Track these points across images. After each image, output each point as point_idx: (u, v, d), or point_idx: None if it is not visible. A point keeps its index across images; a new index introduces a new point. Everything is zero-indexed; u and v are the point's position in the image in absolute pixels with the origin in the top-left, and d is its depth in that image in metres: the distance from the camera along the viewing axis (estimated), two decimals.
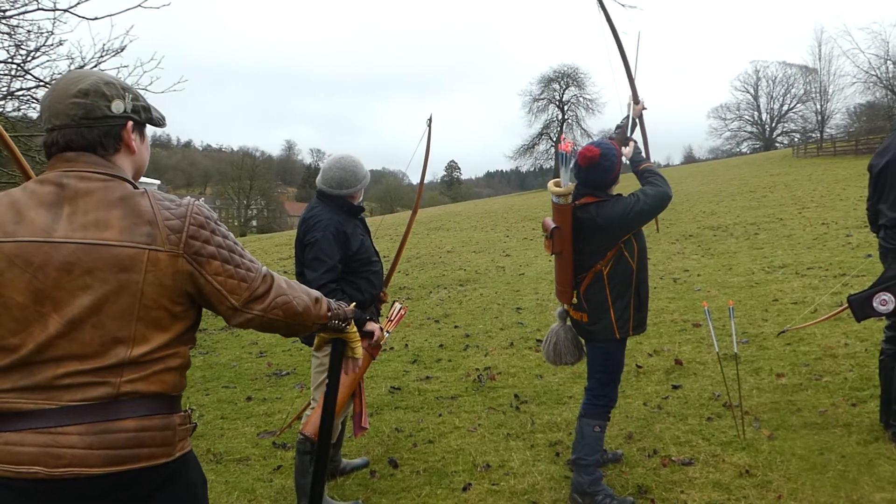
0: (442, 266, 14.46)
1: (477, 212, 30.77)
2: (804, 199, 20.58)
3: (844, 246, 11.90)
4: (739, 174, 35.90)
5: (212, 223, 1.76)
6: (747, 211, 19.40)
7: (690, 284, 9.85)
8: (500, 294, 10.58)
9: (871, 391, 4.74)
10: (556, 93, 73.23)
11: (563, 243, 3.53)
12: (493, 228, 22.33)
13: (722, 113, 75.41)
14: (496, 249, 16.64)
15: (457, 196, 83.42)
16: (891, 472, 3.62)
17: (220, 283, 1.75)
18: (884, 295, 3.87)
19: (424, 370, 6.54)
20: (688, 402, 4.99)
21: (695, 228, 16.96)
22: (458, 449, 4.50)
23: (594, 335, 3.60)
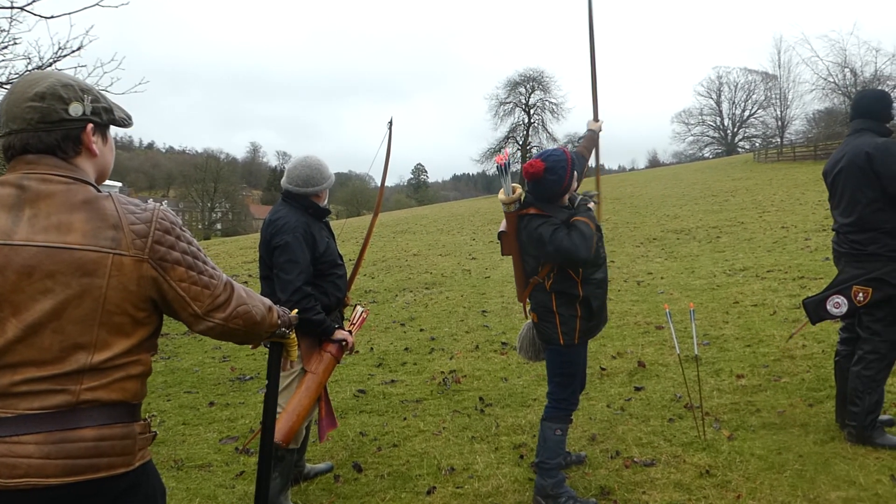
0: (408, 269, 14.44)
1: (443, 215, 30.80)
2: (765, 204, 20.96)
3: (803, 249, 12.13)
4: (702, 178, 36.42)
5: (177, 229, 1.75)
6: (710, 215, 19.69)
7: (654, 287, 9.97)
8: (466, 297, 10.59)
9: (827, 391, 4.84)
10: (523, 96, 73.54)
11: (510, 248, 3.67)
12: (459, 231, 22.38)
13: (685, 118, 76.51)
14: (462, 252, 16.67)
15: (423, 199, 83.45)
16: (846, 470, 3.69)
17: (184, 289, 1.73)
18: (837, 298, 3.97)
19: (389, 373, 6.52)
20: (650, 404, 5.05)
21: (658, 232, 17.17)
22: (422, 452, 4.49)
23: (543, 337, 3.69)
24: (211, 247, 24.17)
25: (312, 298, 3.56)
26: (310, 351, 3.66)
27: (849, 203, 3.96)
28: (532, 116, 73.59)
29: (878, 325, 3.92)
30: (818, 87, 51.76)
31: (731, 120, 75.03)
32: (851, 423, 4.01)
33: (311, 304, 3.55)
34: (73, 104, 1.66)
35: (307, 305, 3.52)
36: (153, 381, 6.58)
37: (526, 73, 72.84)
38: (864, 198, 3.87)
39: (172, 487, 4.12)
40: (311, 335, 3.64)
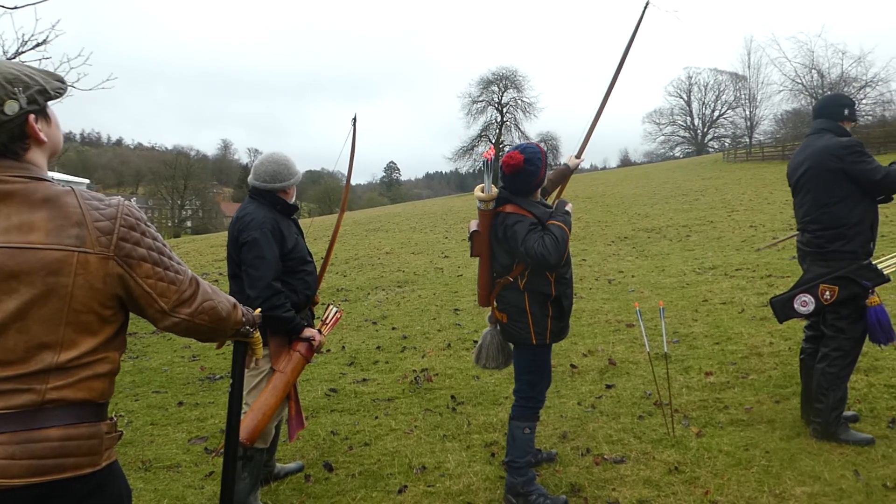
0: (380, 267, 14.40)
1: (416, 213, 30.78)
2: (734, 203, 21.23)
3: (771, 248, 12.30)
4: (673, 178, 36.79)
5: (142, 224, 1.73)
6: (680, 213, 19.89)
7: (625, 285, 10.04)
8: (439, 295, 10.59)
9: (793, 388, 4.91)
10: (495, 95, 73.76)
11: (481, 248, 3.63)
12: (431, 230, 22.36)
13: (656, 118, 77.26)
14: (435, 251, 16.66)
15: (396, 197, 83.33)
16: (811, 466, 3.75)
17: (151, 285, 1.72)
18: (804, 296, 4.03)
19: (361, 372, 6.50)
20: (620, 401, 5.08)
21: (630, 230, 17.30)
22: (394, 451, 4.48)
23: (514, 337, 3.65)
24: (181, 244, 23.91)
25: (282, 295, 3.54)
26: (279, 349, 3.63)
27: (814, 202, 4.03)
28: (505, 115, 73.84)
29: (842, 322, 3.99)
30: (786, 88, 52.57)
31: (702, 120, 75.97)
32: (816, 419, 4.08)
33: (281, 302, 3.52)
34: (9, 103, 1.61)
35: (276, 303, 3.49)
36: (121, 380, 6.49)
37: (499, 72, 73.05)
38: (830, 198, 3.94)
39: (140, 489, 4.07)
40: (281, 333, 3.61)
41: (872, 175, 3.84)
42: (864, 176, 3.86)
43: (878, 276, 3.89)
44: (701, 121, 75.99)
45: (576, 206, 25.30)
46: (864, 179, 3.86)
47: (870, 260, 3.94)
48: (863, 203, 3.91)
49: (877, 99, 50.70)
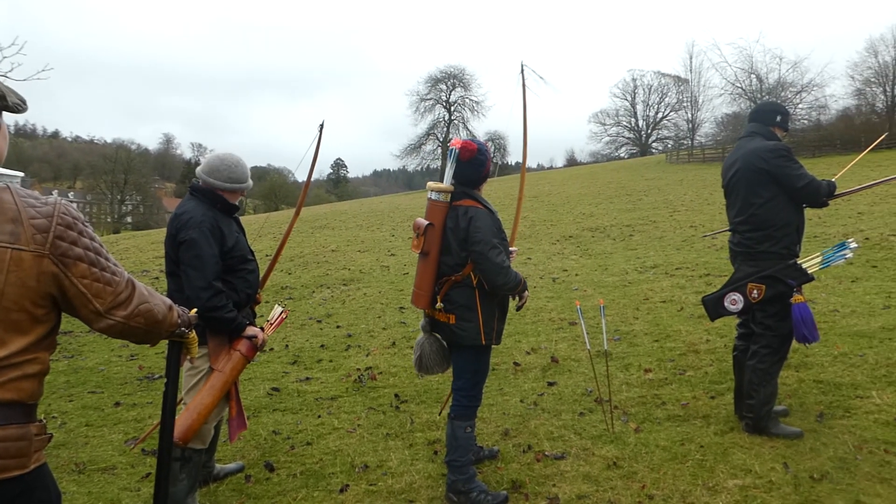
0: (326, 265, 14.29)
1: (363, 211, 30.62)
2: (675, 203, 21.70)
3: (710, 248, 12.63)
4: (617, 178, 37.40)
5: (79, 224, 1.70)
6: (623, 213, 20.25)
7: (568, 284, 10.18)
8: (384, 293, 10.57)
9: (728, 384, 5.05)
10: (443, 93, 73.98)
11: (433, 243, 3.56)
12: (378, 227, 22.29)
13: (602, 118, 78.47)
14: (381, 248, 16.62)
15: (343, 194, 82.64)
16: (743, 459, 3.87)
17: (86, 286, 1.69)
18: (733, 295, 4.15)
19: (305, 371, 6.45)
20: (562, 399, 5.15)
21: (575, 229, 17.53)
22: (336, 450, 4.46)
23: (462, 339, 3.58)
24: (120, 241, 23.31)
25: (223, 296, 3.48)
26: (218, 349, 3.57)
27: (744, 204, 4.16)
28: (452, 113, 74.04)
29: (770, 320, 4.12)
30: (726, 92, 54.14)
31: (646, 121, 77.44)
32: (749, 414, 4.20)
33: (222, 302, 3.46)
34: None
35: (217, 303, 3.43)
36: (55, 380, 6.30)
37: (447, 70, 73.30)
38: (757, 198, 4.08)
39: (73, 492, 3.96)
40: (221, 332, 3.56)
41: (795, 181, 3.99)
42: (788, 180, 4.00)
43: (802, 276, 4.03)
44: (645, 122, 77.51)
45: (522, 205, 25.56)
46: (787, 184, 4.01)
47: (795, 260, 4.09)
48: (789, 206, 4.06)
49: (812, 104, 52.56)
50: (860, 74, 50.42)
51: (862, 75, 50.26)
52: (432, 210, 3.59)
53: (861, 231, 12.63)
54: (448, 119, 74.28)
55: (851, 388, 4.84)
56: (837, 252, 4.13)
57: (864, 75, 49.89)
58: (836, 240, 11.84)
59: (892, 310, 6.90)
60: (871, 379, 4.97)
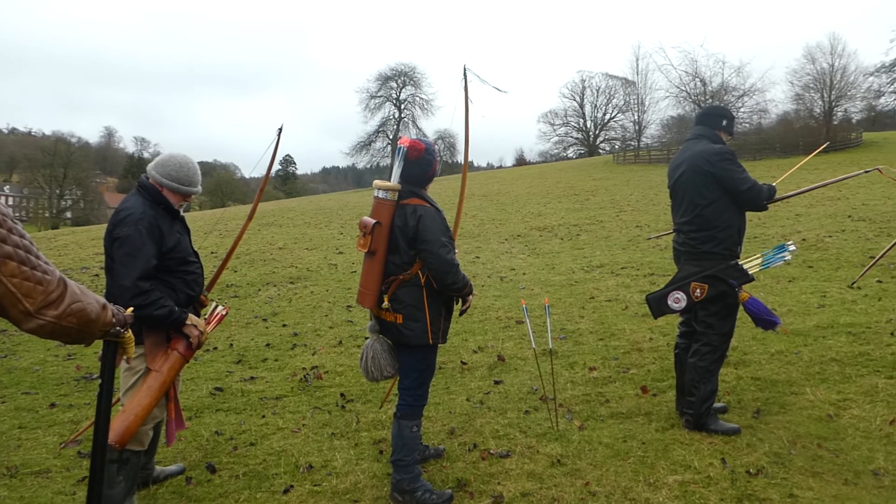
0: (272, 263, 14.10)
1: (311, 208, 30.30)
2: (622, 203, 22.04)
3: (654, 248, 12.86)
4: (566, 178, 37.80)
5: (8, 221, 1.64)
6: (571, 213, 20.48)
7: (516, 283, 10.25)
8: (332, 292, 10.48)
9: (670, 382, 5.15)
10: (394, 91, 73.77)
11: (380, 242, 3.54)
12: (327, 225, 22.09)
13: (551, 118, 79.12)
14: (329, 247, 16.48)
15: (291, 191, 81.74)
16: (683, 455, 3.95)
17: (16, 285, 1.63)
18: (677, 294, 4.24)
19: (249, 370, 6.35)
20: (508, 397, 5.19)
21: (523, 229, 17.66)
22: (280, 450, 4.41)
23: (409, 339, 3.57)
24: (59, 237, 22.62)
25: (150, 294, 3.36)
26: (155, 348, 3.48)
27: (689, 205, 4.24)
28: (403, 111, 73.92)
29: (711, 318, 4.22)
30: (672, 95, 55.29)
31: (593, 122, 78.39)
32: (689, 411, 4.29)
33: (152, 299, 3.35)
34: None
35: (142, 302, 3.31)
36: None
37: (397, 68, 73.11)
38: (702, 200, 4.17)
39: (4, 497, 3.82)
40: (158, 331, 3.47)
41: (739, 185, 4.10)
42: (731, 184, 4.10)
43: (743, 276, 4.14)
44: (593, 123, 78.45)
45: (471, 204, 25.61)
46: (731, 187, 4.11)
47: (737, 260, 4.20)
48: (732, 208, 4.17)
49: (753, 108, 54.04)
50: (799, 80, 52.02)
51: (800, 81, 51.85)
52: (379, 208, 3.57)
53: (798, 232, 13.02)
54: (398, 117, 74.12)
55: (787, 384, 4.98)
56: (777, 254, 4.25)
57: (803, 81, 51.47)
58: (775, 241, 12.19)
59: (826, 309, 7.13)
60: (806, 376, 5.13)
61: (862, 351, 5.60)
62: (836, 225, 13.58)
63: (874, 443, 3.95)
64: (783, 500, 3.40)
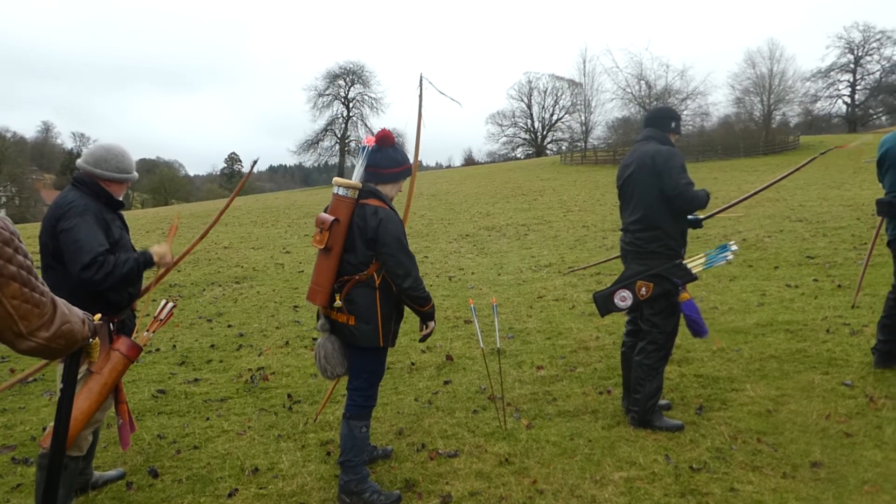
0: (217, 262, 13.86)
1: (258, 207, 29.89)
2: (569, 203, 22.31)
3: (601, 247, 13.05)
4: (514, 178, 38.09)
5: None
6: (519, 213, 20.64)
7: (465, 282, 10.27)
8: (278, 292, 10.35)
9: (616, 380, 5.22)
10: (342, 89, 73.34)
11: (337, 239, 3.48)
12: (273, 224, 21.83)
13: (499, 119, 79.71)
14: (276, 246, 16.28)
15: None
16: (629, 452, 4.00)
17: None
18: (623, 292, 4.30)
19: (193, 372, 6.22)
20: (456, 397, 5.19)
21: (471, 228, 17.73)
22: (225, 453, 4.32)
23: (360, 340, 3.53)
24: None
25: (109, 258, 3.31)
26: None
27: (636, 205, 4.31)
28: (351, 110, 73.51)
29: (657, 317, 4.30)
30: (618, 97, 56.23)
31: (541, 123, 79.24)
32: (634, 408, 4.36)
33: (113, 263, 3.32)
34: None
35: (109, 269, 3.28)
36: None
37: (346, 66, 72.65)
38: (650, 200, 4.23)
39: None
40: (99, 330, 3.37)
41: (671, 189, 4.13)
42: (671, 185, 4.14)
43: (687, 275, 4.23)
44: (541, 124, 79.28)
45: (420, 204, 25.60)
46: (666, 187, 4.15)
47: (681, 260, 4.28)
48: (679, 210, 4.24)
49: (696, 110, 55.36)
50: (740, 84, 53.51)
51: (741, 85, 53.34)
52: (338, 205, 3.50)
53: (739, 233, 13.37)
54: (347, 115, 73.75)
55: (728, 381, 5.10)
56: (720, 254, 4.34)
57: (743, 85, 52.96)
58: (717, 241, 12.48)
59: (765, 307, 7.33)
60: (746, 373, 5.26)
61: (799, 348, 5.77)
62: (774, 225, 13.99)
63: (811, 437, 4.07)
64: (724, 494, 3.47)
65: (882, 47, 63.09)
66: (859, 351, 5.54)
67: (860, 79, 64.90)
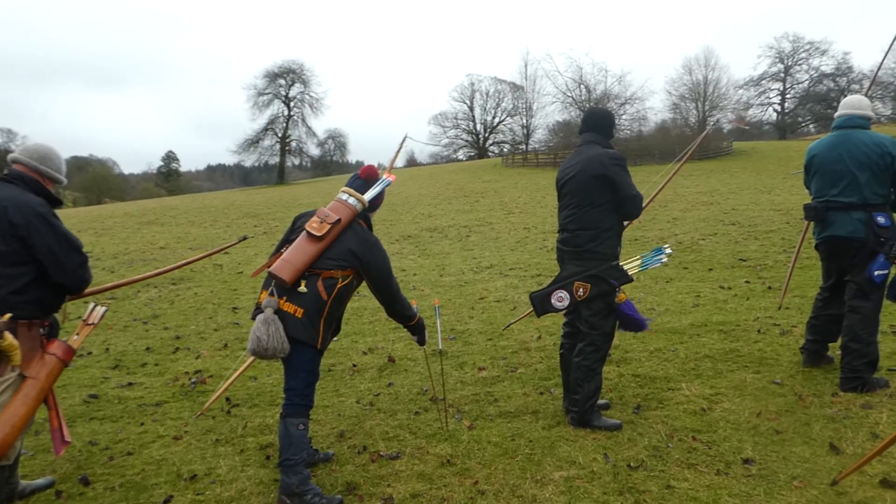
0: (153, 263, 13.53)
1: (195, 206, 29.29)
2: (510, 205, 22.50)
3: (541, 249, 13.19)
4: (456, 179, 38.23)
5: None
6: (461, 214, 20.72)
7: (406, 283, 10.26)
8: (217, 293, 10.16)
9: (556, 380, 5.29)
10: (282, 88, 72.46)
11: (331, 235, 3.63)
12: (212, 224, 21.42)
13: (441, 121, 79.95)
14: (214, 246, 15.97)
15: (175, 189, 78.63)
16: (568, 452, 4.05)
17: None
18: (560, 292, 4.37)
19: (127, 376, 6.05)
20: (398, 398, 5.17)
21: (414, 229, 17.72)
22: (160, 459, 4.22)
23: (300, 334, 3.52)
24: None
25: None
26: (31, 353, 3.26)
27: (577, 206, 4.38)
28: (292, 109, 72.73)
29: (595, 318, 4.36)
30: (558, 100, 57.08)
31: (483, 125, 79.72)
32: (574, 408, 4.42)
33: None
34: None
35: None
36: None
37: (285, 65, 71.84)
38: (589, 201, 4.30)
39: None
40: (33, 334, 3.26)
41: (628, 189, 4.26)
42: (622, 188, 4.25)
43: (623, 276, 4.31)
44: (483, 126, 79.79)
45: None
46: (621, 191, 4.25)
47: (618, 261, 4.35)
48: (617, 211, 4.32)
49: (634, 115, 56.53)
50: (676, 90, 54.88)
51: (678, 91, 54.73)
52: (342, 209, 3.74)
53: (675, 235, 13.69)
54: (287, 115, 72.88)
55: (665, 381, 5.21)
56: (655, 256, 4.44)
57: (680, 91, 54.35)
58: (653, 244, 12.76)
59: (700, 308, 7.52)
60: (682, 372, 5.39)
61: (732, 348, 5.93)
62: (709, 228, 14.37)
63: (743, 434, 4.19)
64: (661, 491, 3.55)
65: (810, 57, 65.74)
66: (789, 350, 5.73)
67: (790, 87, 67.43)
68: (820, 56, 65.63)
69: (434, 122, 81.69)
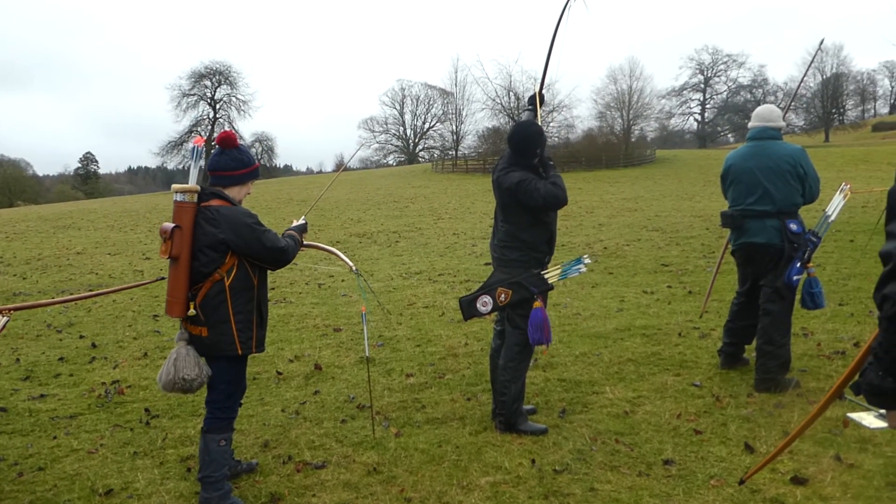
0: (69, 269, 13.01)
1: (115, 210, 28.35)
2: (440, 211, 22.56)
3: (470, 255, 13.26)
4: (385, 184, 38.15)
5: None
6: (390, 220, 20.67)
7: (335, 290, 10.15)
8: (137, 300, 9.83)
9: (483, 386, 5.31)
10: (208, 90, 70.98)
11: (182, 246, 3.38)
12: (132, 229, 20.76)
13: (371, 125, 79.70)
14: (135, 251, 15.48)
15: (93, 192, 75.89)
16: (495, 457, 4.07)
17: None
18: (484, 297, 4.41)
19: (39, 387, 5.78)
20: (325, 406, 5.11)
21: (342, 235, 17.57)
22: (74, 474, 4.04)
23: (215, 350, 3.45)
24: None
25: None
26: None
27: (505, 217, 4.43)
28: (218, 111, 71.28)
29: (520, 319, 4.41)
30: (487, 107, 57.72)
31: (413, 130, 79.84)
32: (501, 412, 4.45)
33: None
34: None
35: None
36: None
37: (212, 66, 70.40)
38: (514, 216, 4.36)
39: None
40: None
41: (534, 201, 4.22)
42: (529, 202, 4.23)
43: (543, 284, 4.37)
44: (413, 131, 79.91)
45: (289, 210, 25.12)
46: (530, 205, 4.24)
47: (539, 270, 4.40)
48: (542, 221, 4.36)
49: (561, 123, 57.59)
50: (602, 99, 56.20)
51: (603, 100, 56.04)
52: (179, 212, 3.41)
53: (601, 241, 13.98)
54: (213, 117, 71.38)
55: (589, 384, 5.30)
56: (574, 266, 4.50)
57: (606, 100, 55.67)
58: (580, 249, 13.00)
59: (624, 312, 7.69)
60: (606, 376, 5.49)
61: (654, 351, 6.09)
62: (633, 234, 14.74)
63: (664, 435, 4.29)
64: (585, 494, 3.60)
65: (728, 69, 68.45)
66: (707, 353, 5.92)
67: (709, 98, 69.96)
68: (738, 68, 68.43)
69: (363, 126, 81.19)
